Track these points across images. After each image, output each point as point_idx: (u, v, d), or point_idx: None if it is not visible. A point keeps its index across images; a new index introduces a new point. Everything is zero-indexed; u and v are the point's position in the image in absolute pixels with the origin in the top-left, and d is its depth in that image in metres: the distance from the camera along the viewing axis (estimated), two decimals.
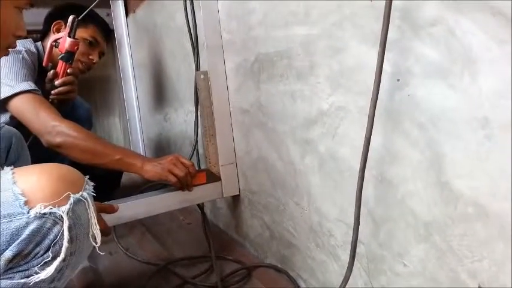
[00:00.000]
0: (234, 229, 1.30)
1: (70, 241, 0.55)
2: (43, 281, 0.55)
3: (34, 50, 1.29)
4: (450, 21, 0.55)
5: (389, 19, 0.58)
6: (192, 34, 1.20)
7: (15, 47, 0.76)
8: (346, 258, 0.74)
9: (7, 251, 0.53)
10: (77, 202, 0.57)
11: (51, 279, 0.56)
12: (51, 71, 1.23)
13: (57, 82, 1.21)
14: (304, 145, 0.89)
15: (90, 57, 1.39)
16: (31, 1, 0.77)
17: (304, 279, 0.98)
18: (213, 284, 1.02)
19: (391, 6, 0.58)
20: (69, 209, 0.56)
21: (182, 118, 1.57)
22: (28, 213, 0.54)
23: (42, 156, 0.94)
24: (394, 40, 0.62)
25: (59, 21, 1.33)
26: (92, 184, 0.63)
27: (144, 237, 1.39)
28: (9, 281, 0.54)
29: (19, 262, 0.54)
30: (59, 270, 0.56)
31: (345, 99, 0.75)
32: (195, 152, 1.30)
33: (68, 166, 0.61)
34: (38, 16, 1.39)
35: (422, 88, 0.61)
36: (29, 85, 1.12)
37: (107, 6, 1.91)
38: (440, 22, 0.56)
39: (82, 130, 1.05)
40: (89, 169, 0.79)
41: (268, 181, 1.05)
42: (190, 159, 1.24)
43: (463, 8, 0.53)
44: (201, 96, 1.16)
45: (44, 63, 1.27)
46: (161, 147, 1.89)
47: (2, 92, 1.10)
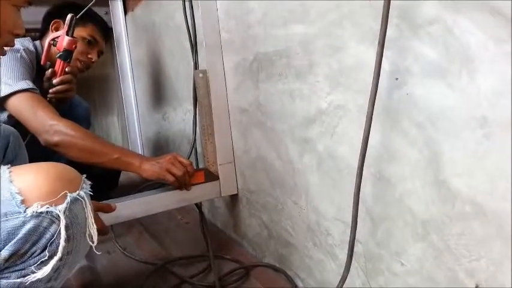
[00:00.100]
0: (232, 228, 1.30)
1: (67, 240, 0.55)
2: (40, 281, 0.55)
3: (32, 49, 1.29)
4: (448, 20, 0.55)
5: (387, 18, 0.58)
6: (191, 33, 1.20)
7: (13, 46, 0.75)
8: (343, 257, 0.74)
9: (3, 250, 0.53)
10: (74, 201, 0.57)
11: (47, 278, 0.56)
12: (49, 70, 1.23)
13: (55, 81, 1.21)
14: (302, 144, 0.88)
15: (89, 56, 1.39)
16: None
17: (302, 278, 0.98)
18: (211, 284, 1.02)
19: (390, 5, 0.58)
20: (66, 208, 0.55)
21: (180, 117, 1.57)
22: (25, 212, 0.53)
23: (39, 155, 0.93)
24: (393, 39, 0.62)
25: (58, 20, 1.33)
26: (89, 183, 0.62)
27: (142, 236, 1.38)
28: (5, 281, 0.54)
29: (15, 261, 0.54)
30: (56, 269, 0.56)
31: (344, 98, 0.75)
32: (194, 151, 1.30)
33: (65, 165, 0.61)
34: (37, 15, 1.39)
35: (420, 87, 0.61)
36: (27, 84, 1.12)
37: (106, 4, 1.90)
38: (438, 21, 0.56)
39: (80, 129, 1.05)
40: (87, 168, 0.79)
41: (266, 180, 1.05)
42: (188, 158, 1.24)
43: (462, 8, 0.53)
44: (200, 95, 1.16)
45: (42, 61, 1.27)
46: (159, 146, 1.89)
47: (0, 91, 1.10)
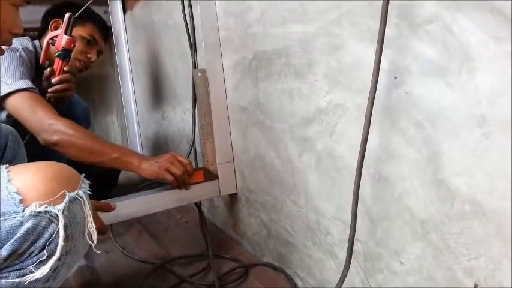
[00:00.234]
0: (232, 227, 1.30)
1: (65, 240, 0.55)
2: (38, 280, 0.55)
3: (31, 48, 1.29)
4: (448, 19, 0.55)
5: (386, 16, 0.58)
6: (190, 32, 1.20)
7: (10, 45, 0.75)
8: (343, 256, 0.74)
9: (2, 250, 0.53)
10: (73, 200, 0.57)
11: (46, 278, 0.56)
12: (47, 69, 1.22)
13: (53, 80, 1.21)
14: (302, 143, 0.88)
15: (88, 55, 1.39)
16: None
17: (301, 277, 0.98)
18: (210, 283, 1.02)
19: (389, 3, 0.58)
20: (64, 208, 0.55)
21: (180, 116, 1.57)
22: (23, 211, 0.53)
23: (38, 154, 0.93)
24: (392, 38, 0.62)
25: (57, 19, 1.33)
26: (88, 182, 0.62)
27: (141, 235, 1.38)
28: (3, 280, 0.54)
29: (14, 261, 0.54)
30: (54, 269, 0.56)
31: (343, 97, 0.75)
32: (193, 150, 1.30)
33: (64, 164, 0.61)
34: (35, 14, 1.39)
35: (419, 86, 0.60)
36: (26, 83, 1.12)
37: (104, 3, 1.90)
38: (437, 20, 0.56)
39: (79, 128, 1.05)
40: (86, 168, 0.79)
41: (265, 179, 1.05)
42: (187, 157, 1.24)
43: (461, 6, 0.53)
44: (199, 94, 1.15)
45: (41, 60, 1.27)
46: (159, 145, 1.89)
47: None
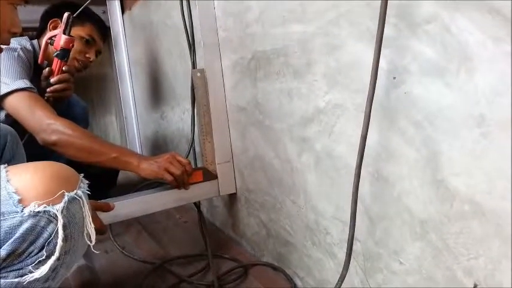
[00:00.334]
0: (231, 227, 1.30)
1: (64, 240, 0.55)
2: (37, 280, 0.55)
3: (30, 48, 1.29)
4: (446, 19, 0.55)
5: (385, 16, 0.58)
6: (189, 32, 1.20)
7: (9, 44, 0.75)
8: (342, 256, 0.74)
9: (1, 250, 0.53)
10: (72, 200, 0.57)
11: (45, 278, 0.56)
12: (46, 69, 1.22)
13: (52, 80, 1.21)
14: (301, 143, 0.88)
15: (86, 55, 1.38)
16: None
17: (300, 277, 0.98)
18: (210, 283, 1.02)
19: (387, 3, 0.58)
20: (63, 208, 0.55)
21: (179, 116, 1.57)
22: (22, 211, 0.53)
23: (37, 154, 0.93)
24: (391, 38, 0.62)
25: (56, 19, 1.32)
26: (87, 182, 0.62)
27: (140, 235, 1.38)
28: (3, 280, 0.53)
29: (13, 261, 0.54)
30: (54, 269, 0.56)
31: (342, 96, 0.75)
32: (192, 150, 1.30)
33: (63, 164, 0.61)
34: (34, 13, 1.39)
35: (418, 86, 0.61)
36: (25, 83, 1.12)
37: (103, 3, 1.90)
38: (436, 20, 0.56)
39: (77, 128, 1.05)
40: (85, 167, 0.79)
41: (264, 179, 1.05)
42: (186, 157, 1.24)
43: (460, 6, 0.53)
44: (198, 94, 1.15)
45: (39, 60, 1.27)
46: (158, 145, 1.89)
47: None
